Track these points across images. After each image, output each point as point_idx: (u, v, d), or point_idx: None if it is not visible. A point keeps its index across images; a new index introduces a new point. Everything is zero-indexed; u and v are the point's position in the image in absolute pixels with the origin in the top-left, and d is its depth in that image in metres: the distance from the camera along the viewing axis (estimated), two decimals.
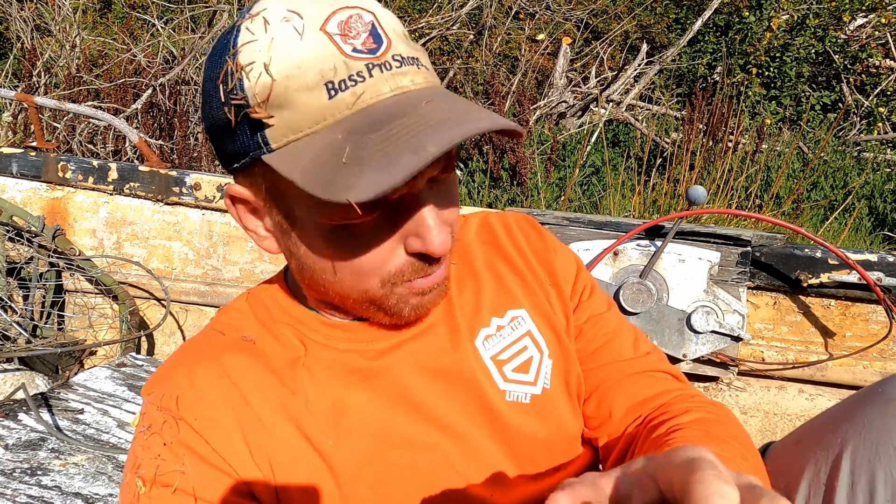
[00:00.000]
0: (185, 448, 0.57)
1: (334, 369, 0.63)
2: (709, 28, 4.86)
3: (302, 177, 0.49)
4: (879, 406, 0.72)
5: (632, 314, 1.66)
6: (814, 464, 0.75)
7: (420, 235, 0.55)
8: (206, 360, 0.62)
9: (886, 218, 3.18)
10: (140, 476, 0.57)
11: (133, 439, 0.62)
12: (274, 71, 0.49)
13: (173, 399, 0.59)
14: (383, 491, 0.61)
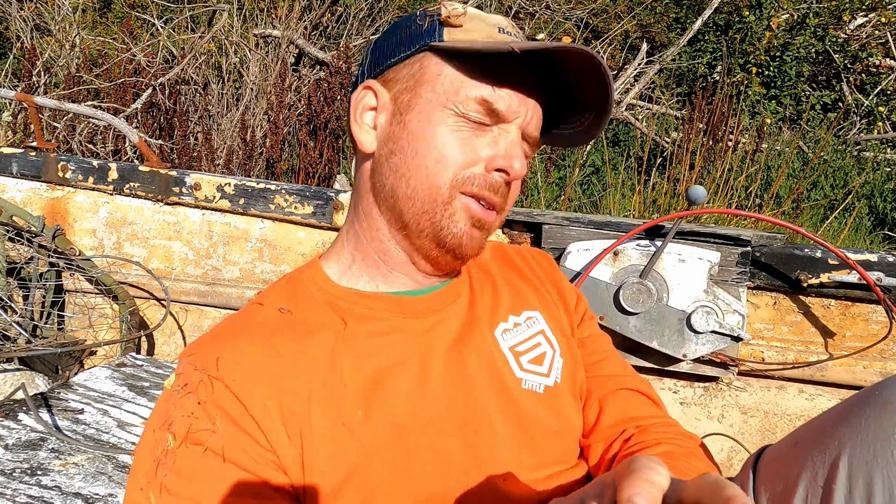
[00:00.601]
0: (218, 409, 0.59)
1: (372, 340, 0.67)
2: (709, 27, 4.86)
3: (469, 45, 0.66)
4: (877, 409, 0.72)
5: (632, 314, 1.66)
6: (811, 467, 0.75)
7: (507, 155, 0.67)
8: (248, 329, 0.65)
9: (886, 217, 3.18)
10: (172, 431, 0.59)
11: (163, 397, 0.63)
12: (468, 7, 0.69)
13: (213, 360, 0.61)
14: (404, 469, 0.62)
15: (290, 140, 3.35)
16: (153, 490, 0.57)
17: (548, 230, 1.78)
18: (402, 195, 0.68)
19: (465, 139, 0.67)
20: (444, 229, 0.67)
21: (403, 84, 0.69)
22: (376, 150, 0.71)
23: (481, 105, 0.66)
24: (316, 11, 4.03)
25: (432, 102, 0.67)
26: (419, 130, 0.67)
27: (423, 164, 0.67)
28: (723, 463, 1.80)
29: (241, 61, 3.54)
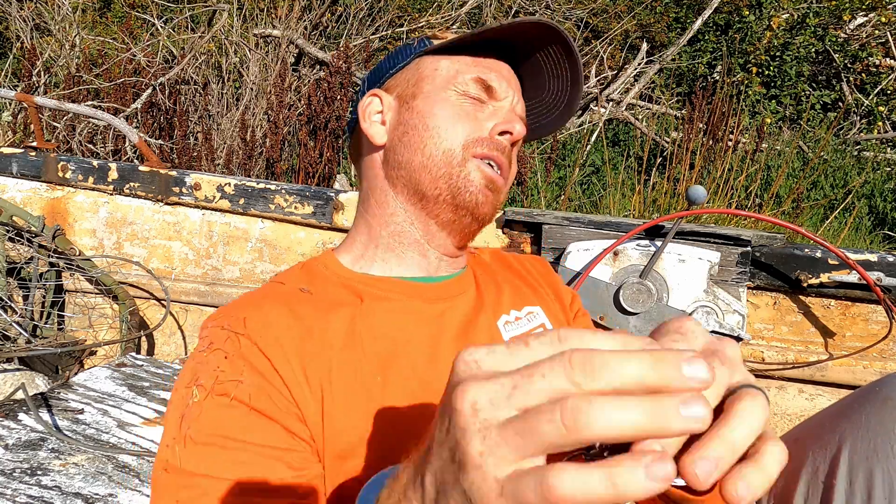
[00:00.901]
0: (245, 361, 0.61)
1: (387, 317, 0.71)
2: (709, 27, 4.86)
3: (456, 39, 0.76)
4: (876, 405, 0.72)
5: (632, 314, 1.66)
6: (812, 462, 0.75)
7: (507, 120, 0.75)
8: (272, 297, 0.69)
9: (886, 217, 3.18)
10: (198, 385, 0.61)
11: (188, 361, 0.65)
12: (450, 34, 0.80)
13: (240, 320, 0.64)
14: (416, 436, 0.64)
15: (290, 140, 3.35)
16: (178, 444, 0.59)
17: (548, 230, 1.78)
18: (418, 165, 0.75)
19: (469, 111, 0.75)
20: (461, 190, 0.74)
21: (404, 85, 0.78)
22: (387, 139, 0.78)
23: (478, 83, 0.76)
24: (316, 11, 4.03)
25: (435, 88, 0.76)
26: (427, 108, 0.75)
27: (435, 133, 0.74)
28: None
29: (241, 61, 3.54)
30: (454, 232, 0.77)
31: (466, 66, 0.76)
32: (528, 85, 0.83)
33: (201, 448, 0.58)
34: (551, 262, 1.79)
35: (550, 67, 0.81)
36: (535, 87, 0.83)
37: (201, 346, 0.65)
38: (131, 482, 1.19)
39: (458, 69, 0.76)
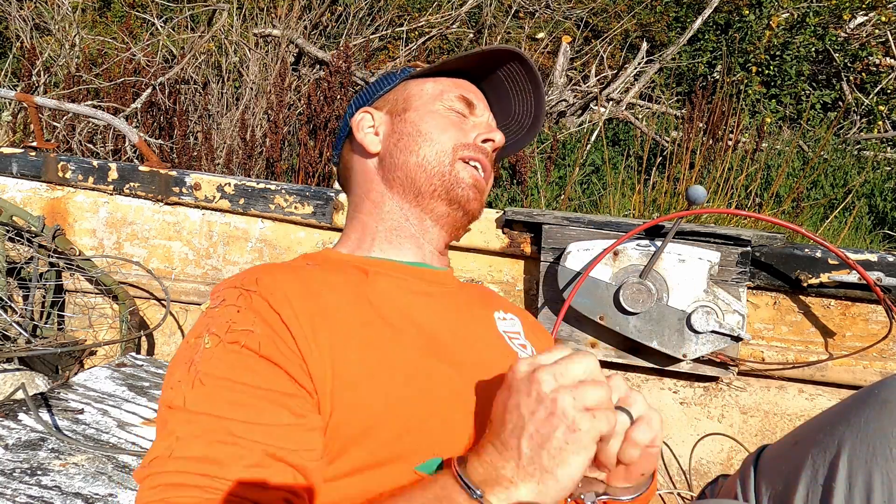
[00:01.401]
0: (256, 314, 0.65)
1: (391, 289, 0.77)
2: (709, 26, 4.85)
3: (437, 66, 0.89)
4: (875, 408, 0.72)
5: (632, 314, 1.66)
6: (811, 465, 0.75)
7: (488, 130, 0.89)
8: (282, 267, 0.74)
9: (886, 216, 3.18)
10: (210, 333, 0.65)
11: (199, 318, 0.69)
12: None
13: (252, 279, 0.69)
14: (417, 391, 0.67)
15: (290, 140, 3.35)
16: (185, 385, 0.62)
17: (548, 230, 1.78)
18: (413, 165, 0.84)
19: (455, 122, 0.87)
20: (453, 185, 0.84)
21: (394, 102, 0.90)
22: (381, 147, 0.88)
23: (461, 100, 0.88)
24: (315, 11, 4.02)
25: (424, 103, 0.87)
26: (419, 118, 0.86)
27: (427, 138, 0.85)
28: (723, 463, 1.80)
29: (240, 61, 3.54)
30: (446, 226, 0.87)
31: (449, 87, 0.89)
32: (494, 109, 0.95)
33: (208, 389, 0.61)
34: (551, 262, 1.79)
35: (516, 92, 0.95)
36: (501, 110, 0.96)
37: (213, 303, 0.69)
38: (131, 482, 1.19)
39: (443, 89, 0.88)
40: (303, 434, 0.61)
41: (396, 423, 0.65)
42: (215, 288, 0.72)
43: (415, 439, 0.65)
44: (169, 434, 0.59)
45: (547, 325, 1.81)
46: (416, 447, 0.65)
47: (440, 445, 0.66)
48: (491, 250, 1.90)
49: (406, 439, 0.65)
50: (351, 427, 0.63)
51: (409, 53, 4.00)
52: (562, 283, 1.71)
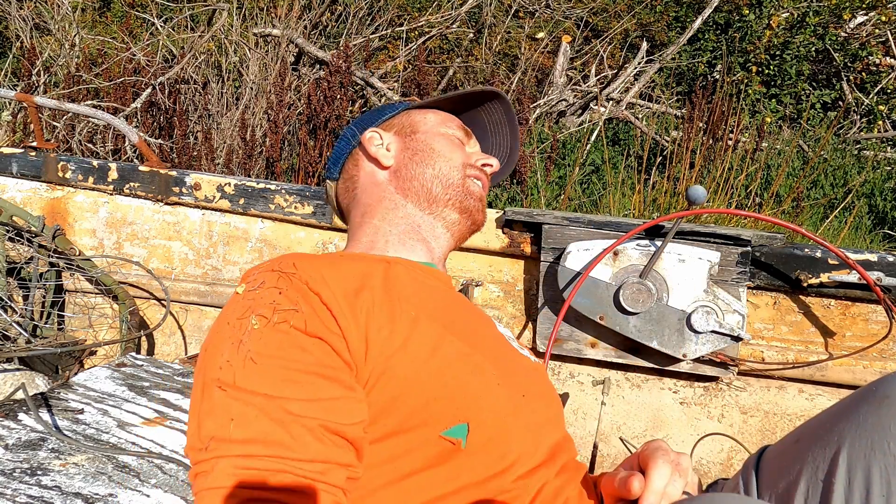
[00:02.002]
0: (299, 293, 0.69)
1: (409, 279, 0.81)
2: (709, 26, 4.85)
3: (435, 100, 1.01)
4: (874, 404, 0.73)
5: (632, 314, 1.66)
6: (812, 462, 0.76)
7: (485, 155, 1.01)
8: (313, 255, 0.78)
9: (886, 216, 3.18)
10: (256, 314, 0.67)
11: (235, 299, 0.71)
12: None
13: (290, 263, 0.72)
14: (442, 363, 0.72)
15: (290, 139, 3.35)
16: (237, 364, 0.63)
17: (548, 230, 1.78)
18: (430, 176, 0.93)
19: (459, 145, 0.99)
20: (465, 196, 0.94)
21: (400, 126, 0.99)
22: (394, 161, 0.96)
23: (461, 129, 1.00)
24: (315, 10, 4.02)
25: (430, 128, 0.98)
26: (430, 139, 0.97)
27: (440, 155, 0.95)
28: (723, 463, 1.80)
29: (240, 60, 3.54)
30: (456, 233, 0.96)
31: (448, 117, 1.00)
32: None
33: (261, 368, 0.62)
34: (551, 262, 1.79)
35: (494, 129, 1.08)
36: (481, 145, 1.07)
37: (251, 286, 0.71)
38: (131, 482, 1.19)
39: (443, 119, 0.99)
40: (355, 405, 0.65)
41: (423, 391, 0.69)
42: (248, 272, 0.75)
43: (441, 406, 0.69)
44: (223, 413, 0.61)
45: (547, 325, 1.81)
46: (441, 414, 0.69)
47: (464, 411, 0.70)
48: (491, 250, 1.90)
49: (433, 406, 0.69)
50: (383, 396, 0.68)
51: (409, 53, 4.00)
52: (562, 283, 1.71)
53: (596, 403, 1.87)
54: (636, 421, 1.86)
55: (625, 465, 0.76)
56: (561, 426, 0.84)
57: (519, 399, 0.76)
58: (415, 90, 3.36)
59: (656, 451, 0.71)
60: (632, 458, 0.75)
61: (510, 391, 0.75)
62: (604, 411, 1.85)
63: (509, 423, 0.73)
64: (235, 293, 0.72)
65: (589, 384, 1.88)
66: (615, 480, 0.70)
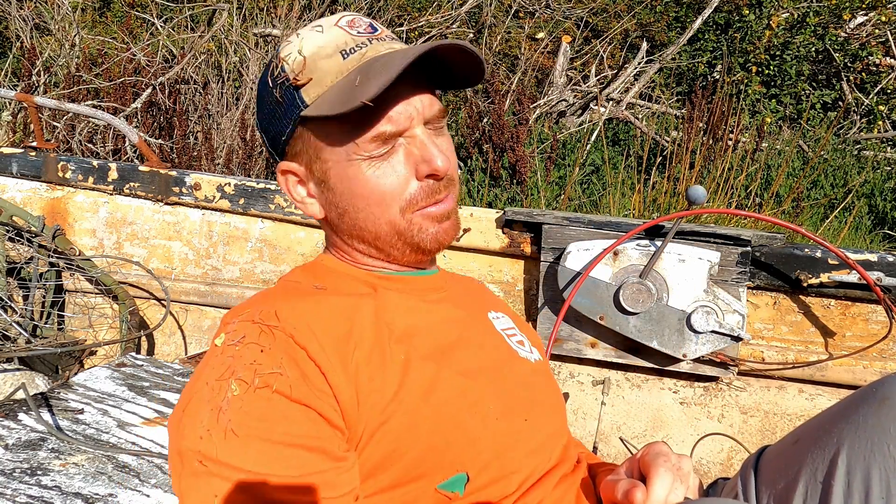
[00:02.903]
0: (283, 353, 0.62)
1: (401, 305, 0.74)
2: (709, 26, 4.86)
3: (330, 107, 0.69)
4: (874, 405, 0.73)
5: (632, 314, 1.66)
6: (811, 463, 0.76)
7: (426, 159, 0.72)
8: (297, 293, 0.72)
9: (886, 216, 3.18)
10: (236, 379, 0.61)
11: (215, 352, 0.65)
12: (304, 51, 0.72)
13: (271, 313, 0.65)
14: (439, 405, 0.68)
15: None
16: (216, 436, 0.59)
17: (548, 230, 1.78)
18: (370, 237, 0.76)
19: (386, 171, 0.72)
20: (420, 241, 0.76)
21: (306, 156, 0.76)
22: (326, 214, 0.79)
23: (377, 140, 0.71)
24: (316, 10, 4.02)
25: (339, 162, 0.73)
26: (348, 189, 0.74)
27: (370, 212, 0.74)
28: (723, 463, 1.80)
29: (240, 60, 3.54)
30: (422, 262, 0.81)
31: (356, 129, 0.71)
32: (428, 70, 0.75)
33: (244, 441, 0.58)
34: (551, 262, 1.79)
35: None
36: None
37: (231, 339, 0.65)
38: (131, 482, 1.19)
39: (349, 135, 0.71)
40: (343, 476, 0.61)
41: (418, 444, 0.66)
42: (227, 318, 0.69)
43: (438, 457, 0.66)
44: (207, 489, 0.58)
45: (547, 325, 1.81)
46: (438, 465, 0.66)
47: (462, 458, 0.68)
48: (491, 250, 1.90)
49: (429, 458, 0.66)
50: (377, 451, 0.64)
51: None
52: (562, 283, 1.71)
53: (596, 403, 1.87)
54: (636, 421, 1.85)
55: (625, 468, 0.75)
56: (564, 432, 0.83)
57: (521, 425, 0.74)
58: None
59: (657, 456, 0.69)
60: (632, 463, 0.74)
61: (510, 421, 0.73)
62: (604, 411, 1.85)
63: (510, 456, 0.71)
64: (214, 345, 0.66)
65: (589, 384, 1.88)
66: (616, 489, 0.68)
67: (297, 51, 0.73)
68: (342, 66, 0.71)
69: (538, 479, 0.74)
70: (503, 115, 2.96)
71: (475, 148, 3.12)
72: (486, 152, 3.00)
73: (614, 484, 0.69)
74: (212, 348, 0.66)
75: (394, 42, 0.75)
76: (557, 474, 0.76)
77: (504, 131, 2.91)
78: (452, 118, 3.72)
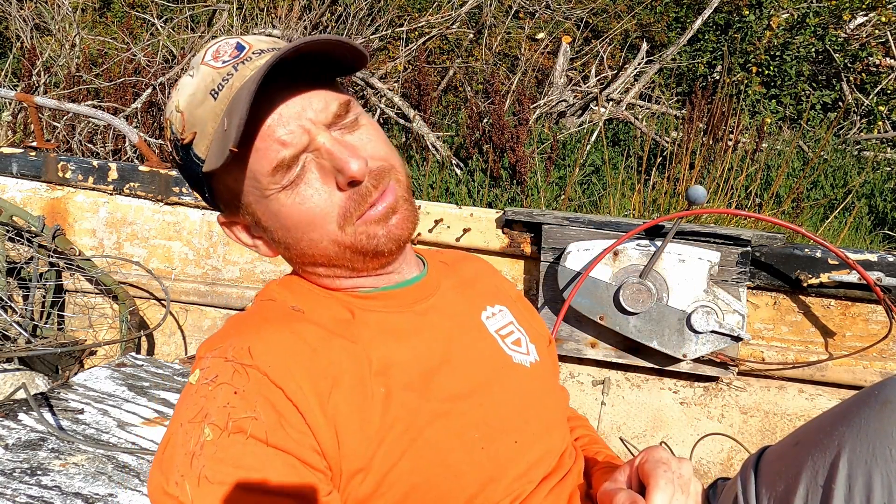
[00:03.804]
0: (258, 395, 0.59)
1: (381, 331, 0.70)
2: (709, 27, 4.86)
3: (216, 160, 0.64)
4: (875, 409, 0.72)
5: (632, 314, 1.66)
6: (812, 466, 0.75)
7: (338, 169, 0.66)
8: (271, 320, 0.68)
9: (886, 217, 3.18)
10: (209, 423, 0.58)
11: (189, 392, 0.62)
12: (181, 105, 0.69)
13: (244, 350, 0.62)
14: (422, 440, 0.66)
15: None
16: (190, 482, 0.57)
17: (548, 230, 1.78)
18: (324, 260, 0.72)
19: (305, 194, 0.68)
20: (374, 247, 0.70)
21: (232, 205, 0.73)
22: (276, 252, 0.76)
23: (279, 170, 0.66)
24: (316, 11, 4.02)
25: (259, 201, 0.70)
26: (279, 225, 0.70)
27: (310, 239, 0.70)
28: (723, 463, 1.80)
29: None
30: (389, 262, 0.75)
31: (253, 169, 0.67)
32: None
33: (217, 488, 0.56)
34: (551, 262, 1.79)
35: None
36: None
37: (204, 377, 0.62)
38: (131, 482, 1.19)
39: (252, 176, 0.67)
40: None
41: (400, 484, 0.64)
42: (201, 352, 0.66)
43: (421, 497, 0.65)
44: None
45: (547, 325, 1.81)
46: (422, 501, 0.65)
47: (446, 498, 0.66)
48: (491, 250, 1.90)
49: (412, 498, 0.65)
50: (360, 491, 0.63)
51: (410, 54, 4.00)
52: (562, 283, 1.71)
53: (596, 403, 1.87)
54: (636, 421, 1.85)
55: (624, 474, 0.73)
56: (561, 441, 0.80)
57: (510, 448, 0.71)
58: (415, 91, 3.36)
59: (657, 464, 0.67)
60: (631, 469, 0.71)
61: (498, 447, 0.70)
62: (604, 411, 1.85)
63: (495, 486, 0.69)
64: (189, 383, 0.64)
65: (589, 384, 1.88)
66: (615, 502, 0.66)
67: (175, 107, 0.70)
68: (215, 108, 0.67)
69: (530, 494, 0.72)
70: (503, 116, 2.96)
71: (475, 148, 3.12)
72: (486, 152, 2.99)
73: (613, 494, 0.67)
74: (187, 386, 0.64)
75: (261, 56, 0.68)
76: (549, 484, 0.75)
77: (504, 131, 2.91)
78: (452, 118, 3.72)
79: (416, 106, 3.32)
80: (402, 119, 3.40)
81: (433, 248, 1.95)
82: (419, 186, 2.80)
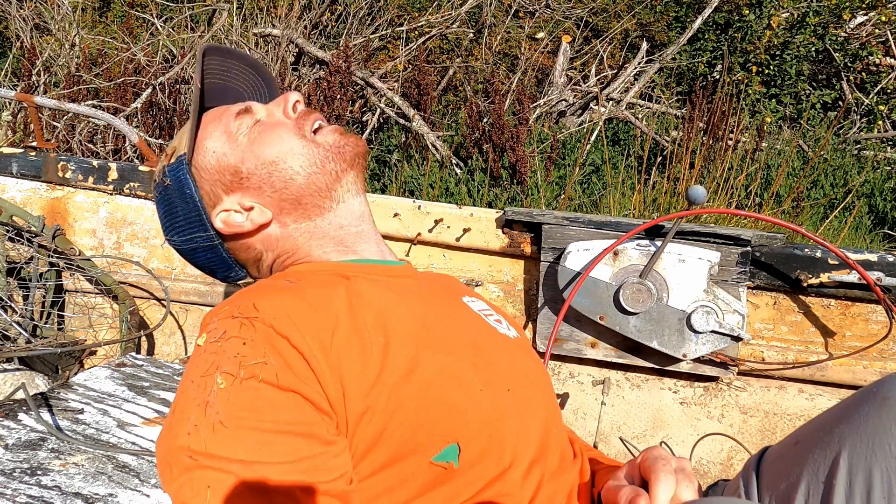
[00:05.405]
0: (265, 343, 0.63)
1: (374, 289, 0.76)
2: (709, 26, 4.85)
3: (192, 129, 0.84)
4: (874, 405, 0.73)
5: (632, 314, 1.66)
6: (812, 464, 0.76)
7: (305, 117, 0.84)
8: (273, 286, 0.73)
9: (886, 216, 3.18)
10: (223, 372, 0.61)
11: (198, 352, 0.66)
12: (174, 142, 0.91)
13: (250, 306, 0.66)
14: (424, 382, 0.69)
15: None
16: (205, 430, 0.59)
17: (548, 230, 1.78)
18: (305, 181, 0.82)
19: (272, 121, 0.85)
20: (335, 151, 0.83)
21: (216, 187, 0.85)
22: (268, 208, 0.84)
23: (241, 115, 0.85)
24: (316, 10, 4.02)
25: (236, 149, 0.83)
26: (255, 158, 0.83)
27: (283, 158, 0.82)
28: (723, 463, 1.80)
29: None
30: (358, 178, 0.86)
31: (213, 128, 0.85)
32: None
33: (233, 432, 0.59)
34: (551, 262, 1.79)
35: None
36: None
37: (212, 336, 0.65)
38: (131, 482, 1.19)
39: (218, 131, 0.84)
40: (334, 460, 0.61)
41: (407, 421, 0.66)
42: (207, 318, 0.69)
43: (428, 432, 0.67)
44: (200, 482, 0.58)
45: (547, 325, 1.81)
46: (430, 440, 0.67)
47: (452, 431, 0.68)
48: (491, 250, 1.90)
49: (420, 434, 0.67)
50: (367, 434, 0.65)
51: (410, 53, 4.00)
52: (562, 283, 1.71)
53: (596, 403, 1.87)
54: (636, 421, 1.86)
55: (625, 472, 0.75)
56: (550, 402, 0.83)
57: (504, 396, 0.74)
58: (415, 90, 3.36)
59: (657, 460, 0.69)
60: (632, 468, 0.74)
61: (494, 392, 0.73)
62: (604, 411, 1.85)
63: (498, 427, 0.72)
64: (196, 345, 0.67)
65: (589, 384, 1.88)
66: (619, 497, 0.68)
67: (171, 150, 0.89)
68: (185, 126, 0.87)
69: (534, 459, 0.74)
70: (503, 115, 2.96)
71: (475, 148, 3.12)
72: (486, 152, 2.99)
73: (617, 490, 0.70)
74: (195, 349, 0.67)
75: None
76: (553, 452, 0.77)
77: (504, 131, 2.92)
78: (452, 118, 3.72)
79: (416, 105, 3.32)
80: (401, 118, 3.40)
81: (433, 248, 1.95)
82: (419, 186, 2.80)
